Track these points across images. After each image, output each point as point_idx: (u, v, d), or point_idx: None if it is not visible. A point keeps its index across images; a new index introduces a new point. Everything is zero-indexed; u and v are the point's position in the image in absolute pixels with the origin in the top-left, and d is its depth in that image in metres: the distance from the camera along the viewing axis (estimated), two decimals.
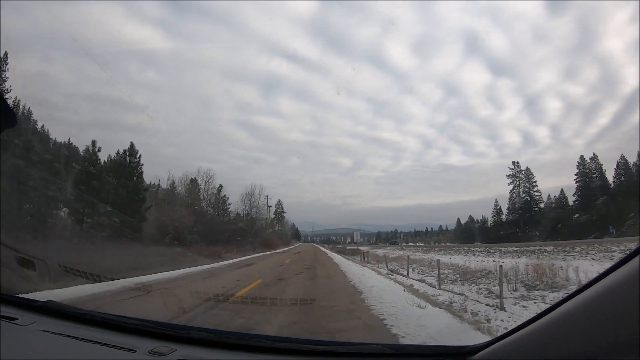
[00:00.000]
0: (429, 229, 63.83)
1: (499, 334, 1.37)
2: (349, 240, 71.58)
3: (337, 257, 26.47)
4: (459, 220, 55.47)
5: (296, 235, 69.98)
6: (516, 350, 1.22)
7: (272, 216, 54.58)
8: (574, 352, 1.00)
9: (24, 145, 13.00)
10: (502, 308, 7.46)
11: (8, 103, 1.31)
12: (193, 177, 30.88)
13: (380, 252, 34.25)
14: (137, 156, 21.21)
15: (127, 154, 21.10)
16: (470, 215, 53.54)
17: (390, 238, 69.68)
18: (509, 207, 43.63)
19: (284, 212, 61.75)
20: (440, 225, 61.93)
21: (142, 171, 21.58)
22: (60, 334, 1.64)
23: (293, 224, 67.55)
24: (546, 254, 21.12)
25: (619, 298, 0.91)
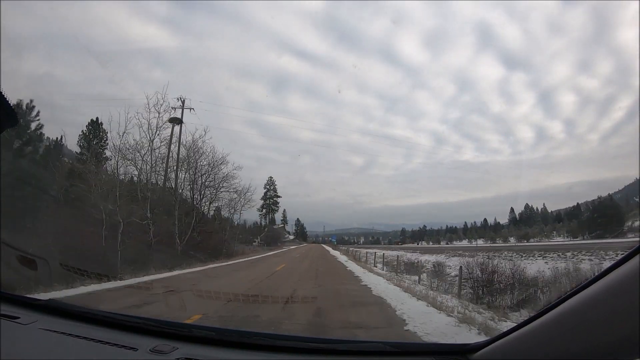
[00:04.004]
0: (470, 224, 52.65)
1: (500, 332, 1.37)
2: (362, 240, 66.40)
3: None
4: (512, 209, 45.83)
5: (302, 234, 62.20)
6: (516, 348, 1.22)
7: (260, 201, 39.02)
8: (573, 351, 1.00)
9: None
10: None
11: (9, 102, 1.31)
12: None
13: None
14: None
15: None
16: (527, 203, 44.56)
17: (415, 235, 59.15)
18: None
19: (279, 197, 45.67)
20: (485, 219, 51.22)
21: None
22: (62, 333, 1.65)
23: (298, 219, 60.96)
24: None
25: (619, 297, 0.91)
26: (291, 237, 55.58)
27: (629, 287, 0.89)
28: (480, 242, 42.46)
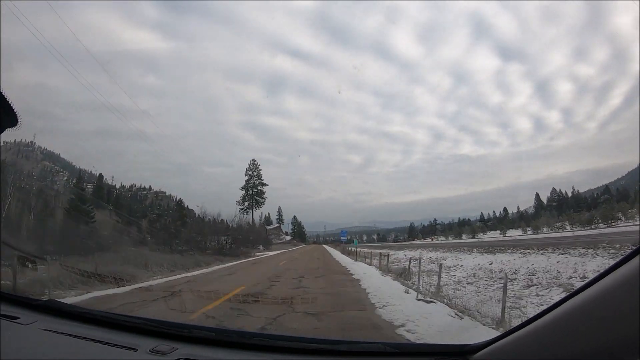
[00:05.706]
0: (487, 215, 48.43)
1: (500, 333, 1.37)
2: (365, 238, 63.50)
3: None
4: (538, 195, 43.16)
5: (300, 234, 57.25)
6: (516, 349, 1.22)
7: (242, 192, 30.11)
8: (573, 352, 1.00)
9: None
10: None
11: (9, 101, 1.30)
12: None
13: None
14: None
15: None
16: (554, 188, 42.85)
17: (426, 231, 53.83)
18: None
19: (265, 184, 37.50)
20: (505, 208, 47.58)
21: None
22: (62, 333, 1.65)
23: (294, 216, 55.37)
24: None
25: (618, 298, 0.91)
26: (287, 237, 53.09)
27: (629, 288, 0.89)
28: (517, 233, 37.19)
